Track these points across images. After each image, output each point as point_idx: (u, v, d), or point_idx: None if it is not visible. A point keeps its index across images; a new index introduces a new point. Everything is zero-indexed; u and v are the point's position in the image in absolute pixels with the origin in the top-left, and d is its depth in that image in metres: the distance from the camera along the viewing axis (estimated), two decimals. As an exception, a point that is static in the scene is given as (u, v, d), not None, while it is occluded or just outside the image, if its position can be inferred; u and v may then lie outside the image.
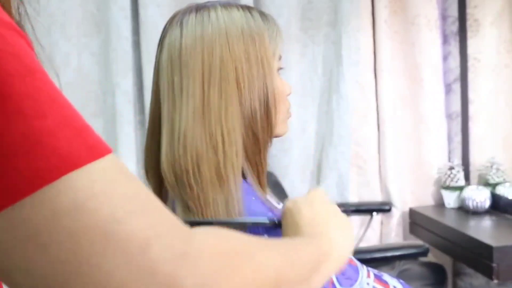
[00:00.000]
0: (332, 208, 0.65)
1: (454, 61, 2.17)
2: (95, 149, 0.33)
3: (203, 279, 0.33)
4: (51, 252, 0.30)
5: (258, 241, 0.44)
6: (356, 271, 0.78)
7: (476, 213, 1.95)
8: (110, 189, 0.32)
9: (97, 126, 1.94)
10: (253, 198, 0.70)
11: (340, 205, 0.67)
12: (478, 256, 1.65)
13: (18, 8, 0.40)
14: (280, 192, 1.85)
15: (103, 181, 0.32)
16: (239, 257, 0.37)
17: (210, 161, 0.68)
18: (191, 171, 0.67)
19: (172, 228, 0.34)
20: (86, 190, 0.31)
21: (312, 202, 0.64)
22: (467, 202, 1.96)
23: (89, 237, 0.30)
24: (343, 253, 0.60)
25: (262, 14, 0.76)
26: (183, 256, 0.32)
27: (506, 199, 1.94)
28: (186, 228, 0.35)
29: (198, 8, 0.74)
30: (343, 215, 0.65)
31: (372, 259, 1.60)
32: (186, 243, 0.33)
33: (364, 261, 0.87)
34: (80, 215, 0.30)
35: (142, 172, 0.78)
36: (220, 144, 0.68)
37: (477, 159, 2.17)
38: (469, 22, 2.14)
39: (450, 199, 2.07)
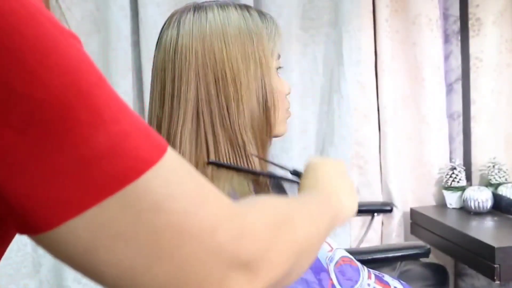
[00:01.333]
0: (346, 175, 0.71)
1: (456, 61, 2.16)
2: (160, 146, 0.36)
3: (258, 252, 0.39)
4: (137, 247, 0.34)
5: (292, 204, 0.51)
6: (357, 272, 0.77)
7: (478, 213, 1.94)
8: (179, 185, 0.36)
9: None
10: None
11: None
12: (480, 256, 1.64)
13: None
14: (280, 192, 1.85)
15: (173, 178, 0.36)
16: (283, 227, 0.44)
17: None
18: None
19: (230, 210, 0.39)
20: (161, 190, 0.34)
21: (332, 164, 0.70)
22: (468, 202, 1.95)
23: (168, 232, 0.34)
24: (347, 215, 0.65)
25: (260, 13, 0.75)
26: (241, 235, 0.38)
27: (508, 199, 1.93)
28: (237, 207, 0.41)
29: (195, 8, 0.73)
30: (352, 182, 0.70)
31: (373, 259, 1.59)
32: (242, 223, 0.39)
33: (365, 262, 0.86)
34: (159, 214, 0.34)
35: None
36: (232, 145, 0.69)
37: (478, 159, 2.16)
38: (471, 22, 2.13)
39: (452, 200, 2.06)
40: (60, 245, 0.33)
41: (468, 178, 2.12)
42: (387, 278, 0.83)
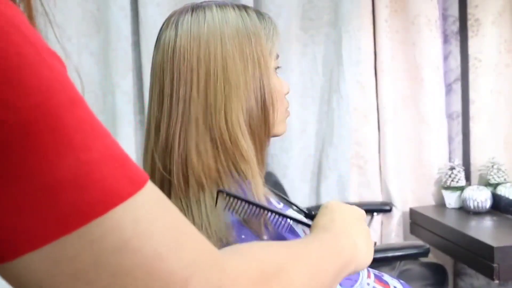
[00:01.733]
0: (364, 222, 0.69)
1: (455, 61, 2.16)
2: (136, 180, 0.32)
3: None
4: None
5: (286, 253, 0.46)
6: (356, 271, 0.77)
7: (477, 213, 1.95)
8: (152, 225, 0.32)
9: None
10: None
11: None
12: (479, 256, 1.65)
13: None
14: (280, 192, 1.85)
15: (145, 216, 0.32)
16: (273, 280, 0.40)
17: (203, 168, 0.68)
18: (181, 179, 0.69)
19: (208, 259, 0.35)
20: (130, 228, 0.31)
21: (350, 208, 0.68)
22: (468, 202, 1.95)
23: (134, 275, 0.31)
24: (362, 263, 0.62)
25: (259, 13, 0.75)
26: None
27: (507, 199, 1.93)
28: (217, 255, 0.36)
29: (193, 9, 0.73)
30: (369, 230, 0.68)
31: (372, 259, 1.59)
32: (221, 274, 0.35)
33: (364, 261, 0.86)
34: (126, 254, 0.31)
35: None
36: (224, 145, 0.68)
37: (478, 159, 2.17)
38: (470, 22, 2.13)
39: (451, 199, 2.06)
40: (15, 278, 0.31)
41: (467, 178, 2.12)
42: (386, 277, 0.83)
